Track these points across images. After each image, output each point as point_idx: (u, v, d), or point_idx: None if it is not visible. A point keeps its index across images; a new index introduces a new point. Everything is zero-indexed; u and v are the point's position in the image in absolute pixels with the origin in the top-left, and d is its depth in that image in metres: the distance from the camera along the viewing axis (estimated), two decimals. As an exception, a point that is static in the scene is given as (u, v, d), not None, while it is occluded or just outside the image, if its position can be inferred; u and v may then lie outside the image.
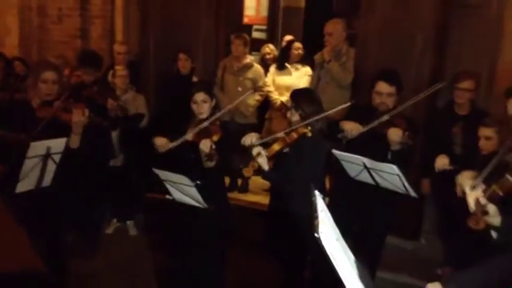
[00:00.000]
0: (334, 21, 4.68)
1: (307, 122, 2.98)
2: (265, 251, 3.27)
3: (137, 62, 5.51)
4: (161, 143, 3.13)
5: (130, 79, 4.76)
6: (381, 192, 3.15)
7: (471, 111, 3.85)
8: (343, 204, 3.38)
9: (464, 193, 2.23)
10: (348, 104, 3.23)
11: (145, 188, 4.59)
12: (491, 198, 2.02)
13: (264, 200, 4.87)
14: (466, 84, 3.77)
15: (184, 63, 5.11)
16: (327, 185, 4.10)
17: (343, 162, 3.16)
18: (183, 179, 2.79)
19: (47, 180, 3.08)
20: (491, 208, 1.99)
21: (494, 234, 2.02)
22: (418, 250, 4.39)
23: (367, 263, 3.24)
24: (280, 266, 3.25)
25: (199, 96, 3.20)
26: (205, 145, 2.96)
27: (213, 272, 3.26)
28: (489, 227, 2.02)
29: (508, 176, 2.08)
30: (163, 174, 2.91)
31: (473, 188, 2.15)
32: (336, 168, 3.33)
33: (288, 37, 6.05)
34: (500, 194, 2.07)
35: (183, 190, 2.86)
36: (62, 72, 4.11)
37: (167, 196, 3.02)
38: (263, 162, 2.93)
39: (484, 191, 2.02)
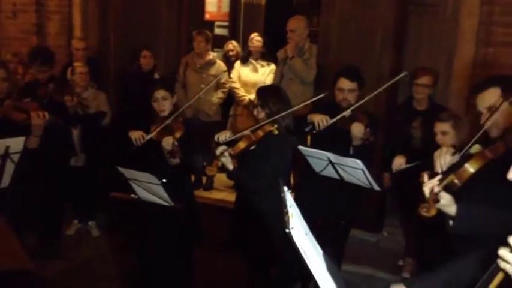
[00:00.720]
0: (296, 18, 4.72)
1: (272, 119, 2.99)
2: (231, 249, 3.26)
3: (97, 58, 5.38)
4: (137, 136, 3.08)
5: (90, 76, 4.65)
6: (344, 187, 3.20)
7: (429, 106, 3.97)
8: (308, 199, 3.42)
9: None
10: (322, 95, 3.26)
11: (108, 188, 4.49)
12: (448, 188, 2.07)
13: (229, 197, 4.87)
14: (424, 80, 3.88)
15: (148, 60, 5.04)
16: (292, 180, 4.16)
17: (308, 158, 3.20)
18: (149, 177, 2.75)
19: (5, 181, 2.97)
20: (445, 197, 1.99)
21: (451, 223, 2.07)
22: (380, 242, 4.49)
23: (332, 256, 3.32)
24: (246, 264, 3.26)
25: (160, 93, 3.16)
26: (168, 142, 2.93)
27: (179, 272, 3.23)
28: (445, 216, 2.07)
29: (466, 166, 2.15)
30: (128, 172, 2.86)
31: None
32: (301, 164, 3.36)
33: (254, 35, 6.07)
34: (458, 184, 2.14)
35: (149, 189, 2.82)
36: (12, 70, 3.97)
37: (132, 195, 2.97)
38: (227, 162, 2.92)
39: (441, 180, 2.07)
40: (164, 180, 2.77)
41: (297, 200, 3.45)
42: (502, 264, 1.30)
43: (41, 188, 4.01)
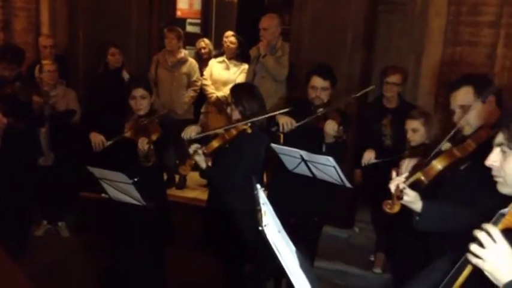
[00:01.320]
0: (269, 16, 4.72)
1: (250, 120, 2.98)
2: (203, 248, 3.25)
3: (65, 56, 5.27)
4: (97, 140, 3.02)
5: (59, 74, 4.54)
6: (317, 184, 3.23)
7: (399, 104, 4.04)
8: (281, 197, 3.44)
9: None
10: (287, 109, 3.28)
11: (78, 187, 4.41)
12: (415, 185, 2.11)
13: (202, 195, 4.85)
14: (394, 78, 3.95)
15: (116, 58, 4.96)
16: (265, 178, 4.17)
17: (281, 156, 3.21)
18: (120, 177, 2.71)
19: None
20: (410, 194, 2.01)
21: (417, 219, 2.10)
22: (352, 238, 4.55)
23: (305, 253, 3.35)
24: (219, 262, 3.25)
25: (138, 91, 3.12)
26: (143, 145, 2.90)
27: (151, 272, 3.20)
28: (411, 212, 2.10)
29: (434, 163, 2.19)
30: (98, 172, 2.81)
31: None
32: (274, 162, 3.37)
33: (229, 34, 6.06)
34: (425, 181, 2.18)
35: (121, 188, 2.78)
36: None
37: (103, 195, 2.92)
38: (200, 160, 2.90)
39: (408, 177, 2.10)
40: (136, 180, 2.74)
41: (270, 197, 3.46)
42: (474, 260, 1.33)
43: (9, 189, 3.93)
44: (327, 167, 3.02)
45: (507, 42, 4.14)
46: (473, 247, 1.31)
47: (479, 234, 1.31)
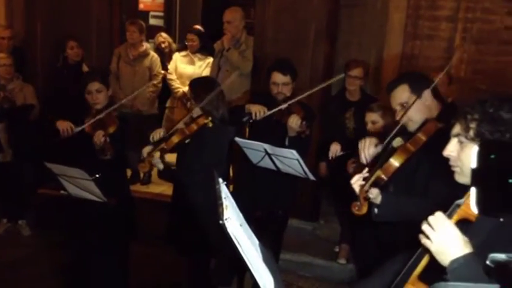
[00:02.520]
0: (232, 9, 4.70)
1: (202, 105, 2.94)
2: (168, 243, 3.23)
3: (23, 48, 5.10)
4: (65, 126, 2.95)
5: (15, 67, 4.40)
6: (281, 177, 3.25)
7: (361, 97, 4.10)
8: (246, 190, 3.45)
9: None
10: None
11: (37, 184, 4.29)
12: (376, 183, 2.19)
13: (168, 191, 4.76)
14: (356, 72, 4.01)
15: (75, 51, 4.84)
16: (231, 172, 4.17)
17: (245, 149, 3.21)
18: (79, 173, 2.65)
19: None
20: (374, 192, 2.15)
21: (376, 210, 2.20)
22: (317, 230, 4.61)
23: (270, 246, 3.37)
24: (184, 258, 3.23)
25: (94, 85, 3.05)
26: (99, 138, 2.85)
27: (115, 268, 3.16)
28: (372, 203, 2.20)
29: (391, 161, 2.25)
30: (56, 168, 2.74)
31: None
32: (239, 155, 3.37)
33: (197, 26, 6.00)
34: (385, 178, 2.24)
35: (80, 184, 2.72)
36: None
37: (62, 191, 2.85)
38: (156, 163, 2.87)
39: (368, 178, 2.18)
40: (96, 176, 2.68)
41: (235, 191, 3.47)
42: (423, 241, 1.39)
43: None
44: (290, 160, 3.04)
45: (464, 36, 4.27)
46: (425, 227, 1.37)
47: (429, 218, 1.36)
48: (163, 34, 5.98)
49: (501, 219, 1.09)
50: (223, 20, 4.66)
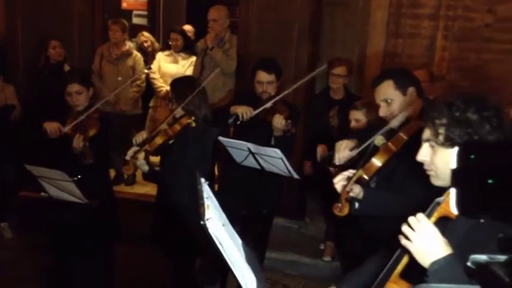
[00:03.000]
0: (217, 8, 4.67)
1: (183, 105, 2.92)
2: (153, 244, 3.20)
3: (3, 48, 5.01)
4: (53, 127, 2.91)
5: (-4, 68, 4.33)
6: (266, 176, 3.25)
7: (345, 95, 4.11)
8: (231, 190, 3.44)
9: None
10: None
11: (18, 186, 4.23)
12: (357, 183, 2.21)
13: (152, 191, 4.70)
14: (339, 70, 4.02)
15: (57, 51, 4.78)
16: (216, 171, 4.15)
17: (229, 149, 3.20)
18: (59, 175, 2.61)
19: None
20: (356, 190, 2.18)
21: (356, 205, 2.22)
22: (303, 228, 4.62)
23: (256, 245, 3.36)
24: (169, 258, 3.21)
25: (73, 87, 3.01)
26: (77, 142, 2.81)
27: (98, 269, 3.13)
28: (353, 199, 2.23)
29: (374, 160, 2.26)
30: (36, 170, 2.70)
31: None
32: (223, 155, 3.36)
33: (186, 27, 5.96)
34: (367, 178, 2.25)
35: (60, 186, 2.68)
36: None
37: (42, 193, 2.81)
38: (141, 165, 2.85)
39: (350, 178, 2.19)
40: (79, 177, 2.65)
41: (220, 191, 3.46)
42: (403, 241, 1.39)
43: None
44: (274, 159, 3.04)
45: (446, 34, 4.31)
46: (404, 228, 1.37)
47: (409, 219, 1.36)
48: (145, 33, 5.94)
49: (481, 220, 1.09)
50: (208, 18, 4.63)
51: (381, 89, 2.42)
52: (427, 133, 1.54)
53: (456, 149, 1.04)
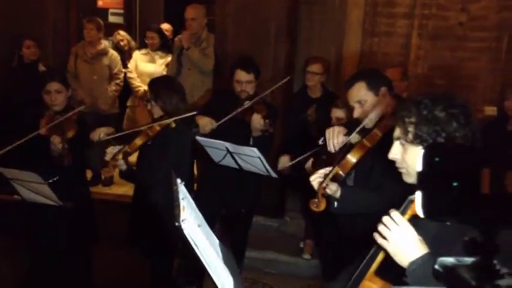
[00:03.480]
0: (195, 6, 4.64)
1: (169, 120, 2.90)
2: (131, 245, 3.17)
3: (-25, 48, 4.90)
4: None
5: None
6: (244, 175, 3.24)
7: (323, 94, 4.14)
8: (210, 189, 3.43)
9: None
10: None
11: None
12: (334, 179, 2.23)
13: (130, 191, 4.63)
14: (315, 67, 4.04)
15: (32, 51, 4.69)
16: (195, 171, 4.13)
17: (207, 148, 3.19)
18: (32, 177, 2.56)
19: None
20: (332, 187, 2.20)
21: (335, 205, 2.25)
22: (282, 227, 4.63)
23: (236, 244, 3.36)
24: (147, 259, 3.18)
25: (53, 86, 2.96)
26: (56, 143, 2.77)
27: (77, 272, 3.08)
28: (332, 198, 2.25)
29: (349, 157, 2.28)
30: (8, 172, 2.64)
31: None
32: (202, 155, 3.35)
33: (164, 25, 5.91)
34: (342, 175, 2.27)
35: (34, 188, 2.63)
36: None
37: (15, 196, 2.75)
38: (120, 165, 2.83)
39: (326, 175, 2.21)
40: (53, 179, 2.60)
41: (199, 190, 3.44)
42: (380, 240, 1.40)
43: None
44: (252, 158, 3.04)
45: (421, 33, 4.37)
46: (381, 227, 1.38)
47: (384, 218, 1.37)
48: (122, 32, 5.87)
49: (448, 223, 1.10)
50: (185, 16, 4.60)
51: (353, 91, 2.45)
52: (397, 131, 1.57)
53: (422, 151, 1.04)
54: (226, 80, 3.69)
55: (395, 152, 1.57)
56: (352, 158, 2.27)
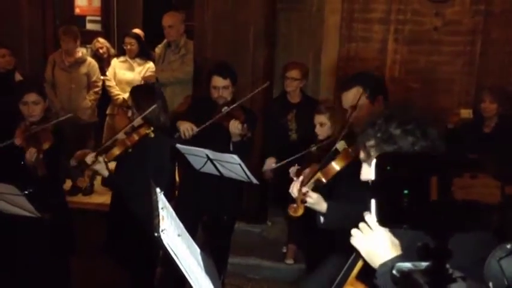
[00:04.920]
0: (171, 14, 4.65)
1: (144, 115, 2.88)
2: (110, 254, 3.13)
3: None
4: None
5: None
6: (226, 182, 3.24)
7: (302, 99, 4.16)
8: (191, 196, 3.42)
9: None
10: None
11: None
12: (316, 186, 2.19)
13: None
14: (293, 73, 4.06)
15: (7, 60, 4.61)
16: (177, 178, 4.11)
17: (187, 156, 3.18)
18: (9, 188, 2.52)
19: None
20: (313, 196, 2.11)
21: (322, 219, 2.18)
22: (265, 232, 4.64)
23: (218, 250, 3.34)
24: (127, 269, 3.14)
25: (31, 97, 2.91)
26: (31, 155, 2.73)
27: (56, 283, 3.03)
28: (315, 212, 2.18)
29: (333, 164, 2.27)
30: (-16, 184, 2.59)
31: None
32: (182, 162, 3.33)
33: (136, 31, 5.86)
34: (324, 181, 2.26)
35: (11, 200, 2.58)
36: None
37: None
38: (101, 168, 2.79)
39: (308, 179, 2.18)
40: (29, 191, 2.56)
41: (180, 197, 3.40)
42: (354, 243, 1.43)
43: None
44: (232, 165, 3.04)
45: (396, 38, 4.44)
46: (354, 231, 1.41)
47: (360, 224, 1.39)
48: (101, 39, 5.81)
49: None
50: (163, 24, 4.59)
51: (349, 94, 2.43)
52: (361, 155, 1.62)
53: (374, 160, 1.07)
54: (205, 87, 3.69)
55: (366, 172, 1.61)
56: (336, 165, 2.26)
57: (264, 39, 4.34)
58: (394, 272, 1.10)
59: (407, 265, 1.09)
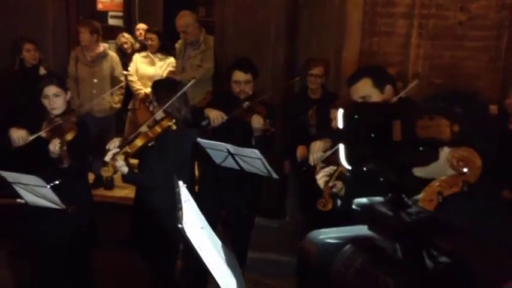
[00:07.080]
0: (183, 15, 4.62)
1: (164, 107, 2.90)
2: (132, 248, 3.17)
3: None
4: (20, 135, 2.84)
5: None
6: (246, 177, 3.25)
7: (323, 94, 4.15)
8: (211, 191, 3.44)
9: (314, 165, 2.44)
10: None
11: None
12: (339, 178, 2.24)
13: (131, 193, 4.66)
14: (317, 70, 4.05)
15: (32, 54, 4.68)
16: (196, 173, 4.13)
17: (208, 150, 3.20)
18: (34, 180, 2.57)
19: None
20: (338, 185, 2.23)
21: (339, 202, 2.27)
22: (283, 227, 4.63)
23: (238, 245, 3.36)
24: (149, 262, 3.18)
25: (50, 89, 2.95)
26: (54, 145, 2.77)
27: (77, 276, 3.09)
28: (336, 196, 2.28)
29: None
30: (11, 176, 2.64)
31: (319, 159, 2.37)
32: (203, 156, 3.35)
33: (141, 25, 5.90)
34: (347, 173, 2.28)
35: (37, 192, 2.63)
36: None
37: (18, 200, 2.76)
38: (120, 166, 2.81)
39: (332, 174, 2.22)
40: (56, 182, 2.61)
41: (200, 192, 3.43)
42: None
43: None
44: (253, 160, 3.05)
45: (420, 32, 4.37)
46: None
47: None
48: (126, 34, 5.88)
49: (364, 169, 1.30)
50: (177, 27, 4.59)
51: (358, 86, 2.42)
52: None
53: (341, 111, 1.22)
54: (225, 82, 3.70)
55: None
56: None
57: (284, 35, 4.33)
58: (354, 207, 1.34)
59: (364, 200, 1.30)
